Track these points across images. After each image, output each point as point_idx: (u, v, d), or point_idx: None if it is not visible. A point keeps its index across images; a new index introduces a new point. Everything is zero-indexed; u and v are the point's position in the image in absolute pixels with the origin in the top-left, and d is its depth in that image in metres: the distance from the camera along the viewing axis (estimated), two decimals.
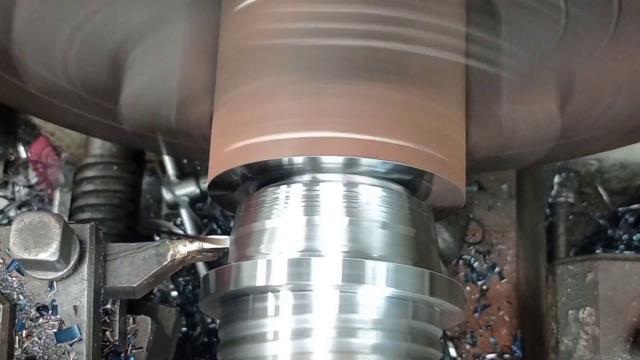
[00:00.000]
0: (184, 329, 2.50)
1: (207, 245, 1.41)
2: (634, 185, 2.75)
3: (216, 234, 2.61)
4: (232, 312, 1.38)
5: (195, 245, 1.41)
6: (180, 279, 2.60)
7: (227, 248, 1.43)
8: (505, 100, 1.60)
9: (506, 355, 2.41)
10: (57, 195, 2.69)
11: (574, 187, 2.73)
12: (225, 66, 1.45)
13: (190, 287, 2.60)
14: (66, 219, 2.59)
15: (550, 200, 2.74)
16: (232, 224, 2.46)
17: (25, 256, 1.25)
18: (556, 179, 2.72)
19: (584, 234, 2.84)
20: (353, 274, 1.30)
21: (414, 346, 1.34)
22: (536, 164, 2.43)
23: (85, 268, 1.33)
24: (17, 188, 2.69)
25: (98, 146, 2.53)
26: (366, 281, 1.30)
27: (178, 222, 2.60)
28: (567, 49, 1.45)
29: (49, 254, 1.25)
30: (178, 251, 1.40)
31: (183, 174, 2.60)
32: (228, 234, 1.44)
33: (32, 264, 1.28)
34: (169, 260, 1.40)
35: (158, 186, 2.62)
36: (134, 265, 1.39)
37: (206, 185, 1.51)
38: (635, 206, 2.79)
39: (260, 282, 1.32)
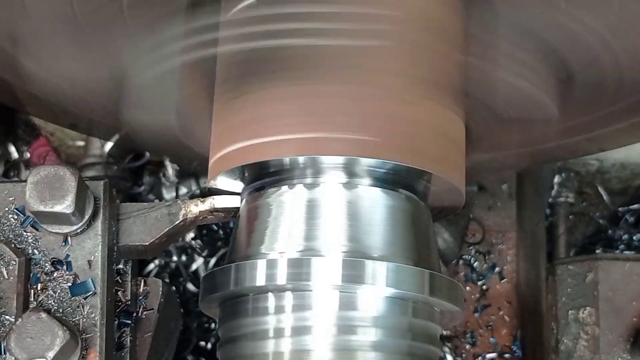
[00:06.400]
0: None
1: (218, 205, 1.41)
2: (634, 185, 2.75)
3: (216, 233, 2.62)
4: (231, 311, 1.39)
5: (206, 205, 1.42)
6: (181, 278, 2.60)
7: (238, 208, 1.43)
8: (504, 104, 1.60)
9: (506, 355, 2.41)
10: None
11: (574, 187, 2.73)
12: (225, 66, 1.46)
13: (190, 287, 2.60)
14: None
15: (550, 200, 2.74)
16: (232, 224, 2.47)
17: (41, 208, 1.26)
18: (556, 179, 2.72)
19: (584, 234, 2.84)
20: (353, 274, 1.30)
21: (413, 344, 1.34)
22: (536, 164, 2.43)
23: (99, 224, 1.34)
24: None
25: (98, 146, 2.53)
26: (366, 281, 1.30)
27: None
28: (566, 50, 1.45)
29: (65, 206, 1.26)
30: (190, 211, 1.42)
31: (183, 174, 2.60)
32: (228, 235, 1.44)
33: (48, 216, 1.29)
34: (180, 219, 1.41)
35: (158, 186, 2.62)
36: (146, 225, 1.41)
37: (206, 185, 1.51)
38: (635, 206, 2.79)
39: (260, 282, 1.32)
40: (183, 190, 2.59)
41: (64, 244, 1.34)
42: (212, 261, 2.54)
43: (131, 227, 1.40)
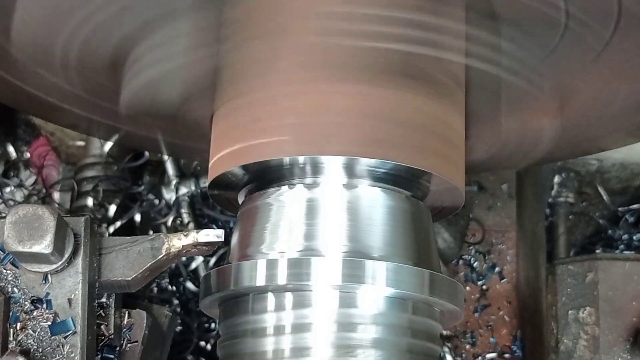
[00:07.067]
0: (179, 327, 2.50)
1: (201, 239, 1.41)
2: (634, 185, 2.75)
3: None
4: (232, 309, 1.39)
5: (190, 239, 1.41)
6: (181, 278, 2.60)
7: (222, 242, 1.42)
8: (504, 103, 1.60)
9: (506, 355, 2.41)
10: (57, 195, 2.69)
11: (574, 187, 2.72)
12: (226, 65, 1.45)
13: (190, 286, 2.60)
14: None
15: (550, 200, 2.74)
16: (232, 224, 2.47)
17: (20, 249, 1.25)
18: (556, 179, 2.71)
19: (584, 234, 2.84)
20: (353, 274, 1.30)
21: (413, 341, 1.34)
22: (536, 164, 2.43)
23: (79, 261, 1.33)
24: (7, 189, 2.69)
25: (98, 146, 2.53)
26: (366, 281, 1.30)
27: (178, 222, 2.60)
28: (567, 49, 1.45)
29: (43, 246, 1.25)
30: (173, 245, 1.40)
31: (183, 174, 2.60)
32: (228, 234, 1.44)
33: (27, 256, 1.28)
34: (163, 253, 1.40)
35: (158, 186, 2.62)
36: (128, 259, 1.39)
37: (206, 185, 1.51)
38: (635, 206, 2.78)
39: (260, 282, 1.32)
40: (183, 190, 2.59)
41: (43, 282, 1.33)
42: (212, 261, 2.53)
43: (113, 262, 1.39)
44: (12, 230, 1.25)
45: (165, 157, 2.57)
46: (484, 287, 2.46)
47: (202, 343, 2.54)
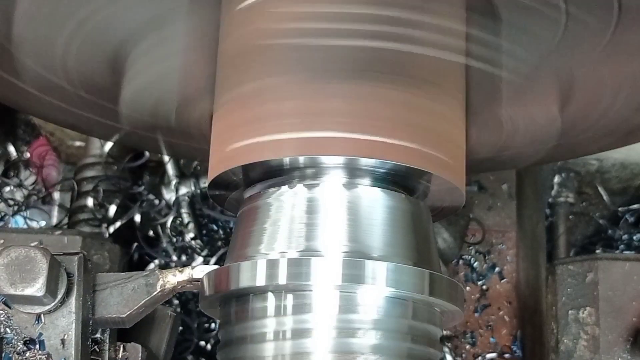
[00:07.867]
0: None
1: (197, 275, 1.41)
2: (634, 185, 2.75)
3: (216, 233, 2.62)
4: (231, 313, 1.39)
5: (185, 275, 1.40)
6: None
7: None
8: (505, 101, 1.60)
9: (506, 355, 2.41)
10: (57, 196, 2.70)
11: (574, 187, 2.73)
12: (225, 65, 1.46)
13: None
14: (66, 220, 2.59)
15: (550, 200, 2.74)
16: (232, 224, 2.47)
17: (12, 292, 1.25)
18: (556, 179, 2.72)
19: (584, 234, 2.84)
20: (353, 274, 1.30)
21: (414, 346, 1.34)
22: (536, 163, 2.44)
23: (73, 300, 1.32)
24: (7, 189, 2.69)
25: (98, 146, 2.54)
26: (366, 281, 1.30)
27: (178, 222, 2.60)
28: (567, 48, 1.45)
29: (36, 289, 1.25)
30: (168, 281, 1.39)
31: (183, 174, 2.61)
32: (228, 235, 1.44)
33: (19, 298, 1.28)
34: (158, 290, 1.39)
35: (158, 186, 2.62)
36: (123, 296, 1.38)
37: (206, 185, 1.51)
38: (635, 206, 2.79)
39: (260, 282, 1.32)
40: (183, 190, 2.59)
41: (36, 322, 1.32)
42: (212, 261, 2.53)
43: (108, 299, 1.38)
44: (3, 273, 1.25)
45: (166, 157, 2.58)
46: (484, 287, 2.46)
47: (202, 343, 2.54)
